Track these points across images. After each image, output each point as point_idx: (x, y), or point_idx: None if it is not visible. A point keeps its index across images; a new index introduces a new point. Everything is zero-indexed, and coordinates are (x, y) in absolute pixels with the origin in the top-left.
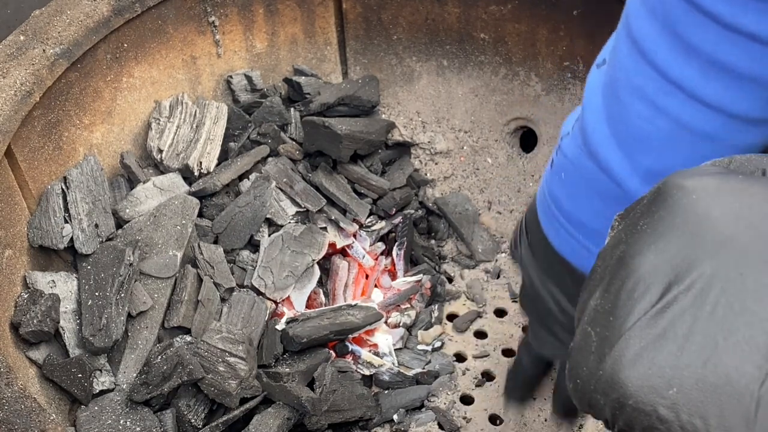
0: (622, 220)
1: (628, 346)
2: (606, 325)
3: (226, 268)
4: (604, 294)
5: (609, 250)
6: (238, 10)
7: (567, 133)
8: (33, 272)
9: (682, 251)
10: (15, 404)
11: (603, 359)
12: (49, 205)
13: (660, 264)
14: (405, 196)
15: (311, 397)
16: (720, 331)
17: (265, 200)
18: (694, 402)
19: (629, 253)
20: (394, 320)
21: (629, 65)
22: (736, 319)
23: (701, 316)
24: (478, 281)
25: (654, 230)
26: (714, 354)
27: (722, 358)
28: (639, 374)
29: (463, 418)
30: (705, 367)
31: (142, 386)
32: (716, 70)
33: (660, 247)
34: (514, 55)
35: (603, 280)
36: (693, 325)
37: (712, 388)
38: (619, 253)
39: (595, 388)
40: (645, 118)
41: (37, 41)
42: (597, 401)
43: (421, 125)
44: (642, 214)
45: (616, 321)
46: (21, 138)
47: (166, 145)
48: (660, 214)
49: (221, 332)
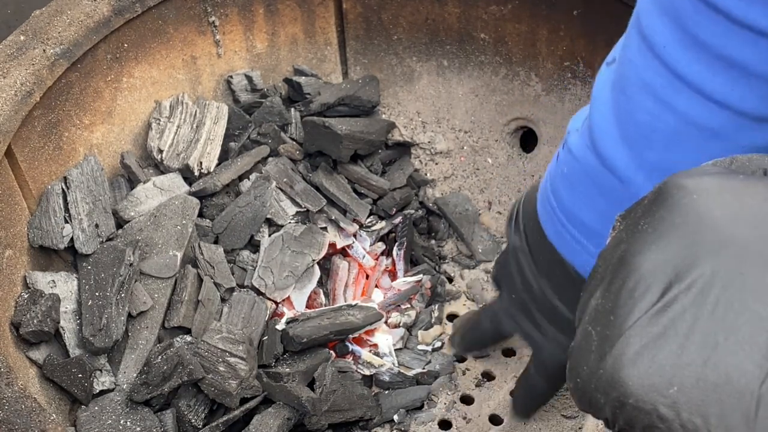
0: (623, 221)
1: (629, 344)
2: (607, 324)
3: (227, 268)
4: (605, 293)
5: (610, 250)
6: (238, 10)
7: (576, 129)
8: (33, 272)
9: (683, 251)
10: (15, 404)
11: (603, 358)
12: (49, 205)
13: (661, 263)
14: (405, 196)
15: (311, 397)
16: (721, 330)
17: (266, 200)
18: (695, 401)
19: (630, 252)
20: (394, 320)
21: (638, 61)
22: (736, 319)
23: (702, 315)
24: (478, 281)
25: (655, 230)
26: (714, 353)
27: (723, 357)
28: (639, 373)
29: (463, 418)
30: (705, 365)
31: (143, 386)
32: (724, 65)
33: (661, 247)
34: (514, 55)
35: (604, 279)
36: (694, 324)
37: (713, 386)
38: (620, 253)
39: (595, 387)
40: (652, 114)
41: (37, 41)
42: (597, 400)
43: (421, 125)
44: (643, 214)
45: (616, 320)
46: (21, 138)
47: (167, 145)
48: (661, 213)
49: (221, 332)
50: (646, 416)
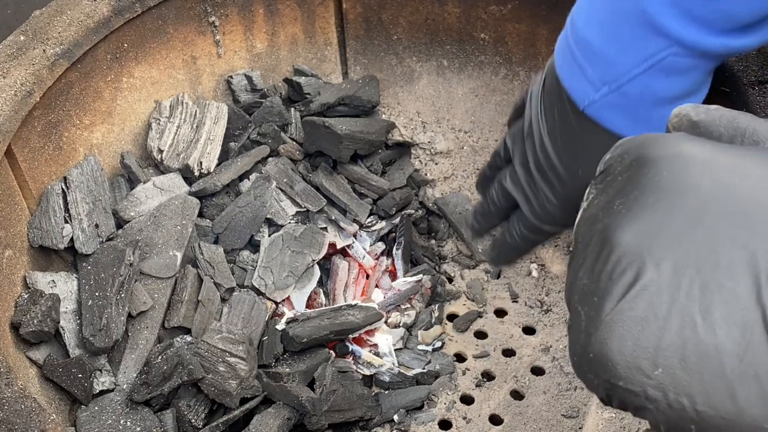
0: (598, 195)
1: (612, 330)
2: (591, 305)
3: (227, 268)
4: (588, 273)
5: (587, 225)
6: (238, 10)
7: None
8: (33, 272)
9: (656, 231)
10: (15, 404)
11: (590, 339)
12: (49, 205)
13: (636, 245)
14: (405, 196)
15: (311, 397)
16: (698, 311)
17: (266, 200)
18: (679, 381)
19: (607, 234)
20: (394, 320)
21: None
22: (712, 297)
23: (679, 296)
24: (478, 281)
25: (629, 210)
26: (693, 333)
27: (702, 336)
28: (626, 357)
29: (463, 418)
30: (686, 346)
31: (143, 386)
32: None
33: (635, 228)
34: (514, 55)
35: (586, 259)
36: (671, 306)
37: (695, 367)
38: (598, 232)
39: (588, 368)
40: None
41: (37, 41)
42: (591, 380)
43: (421, 125)
44: (617, 193)
45: (599, 301)
46: (21, 138)
47: (167, 145)
48: (635, 193)
49: (221, 332)
50: (636, 398)
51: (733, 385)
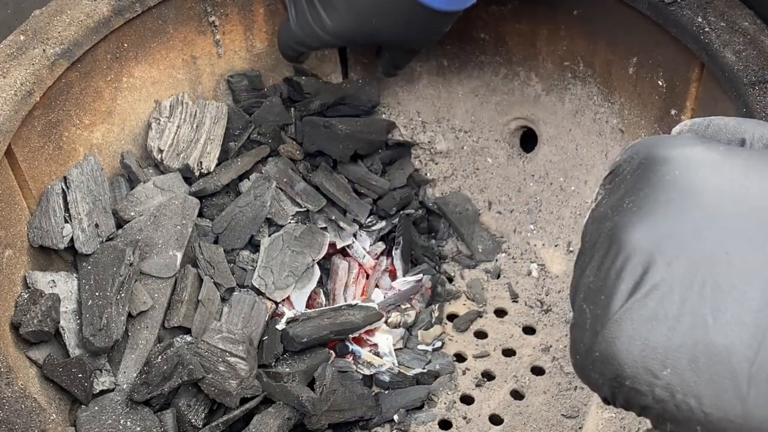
0: (606, 195)
1: (621, 328)
2: (598, 303)
3: (227, 268)
4: (595, 271)
5: (596, 224)
6: (238, 10)
7: None
8: (33, 272)
9: (668, 230)
10: (15, 404)
11: (596, 337)
12: (49, 205)
13: (648, 243)
14: (405, 196)
15: (311, 397)
16: (709, 311)
17: (266, 200)
18: (688, 382)
19: (616, 232)
20: (394, 320)
21: None
22: (724, 299)
23: (690, 296)
24: (478, 281)
25: (639, 208)
26: (704, 334)
27: (712, 337)
28: (634, 356)
29: (463, 418)
30: (696, 347)
31: (143, 386)
32: None
33: (646, 226)
34: (514, 55)
35: (594, 256)
36: (682, 306)
37: (705, 368)
38: (607, 231)
39: (592, 367)
40: None
41: (37, 41)
42: (596, 380)
43: (421, 125)
44: (627, 191)
45: (606, 299)
46: (21, 138)
47: (167, 145)
48: (645, 191)
49: (221, 332)
50: (642, 397)
51: (742, 387)
